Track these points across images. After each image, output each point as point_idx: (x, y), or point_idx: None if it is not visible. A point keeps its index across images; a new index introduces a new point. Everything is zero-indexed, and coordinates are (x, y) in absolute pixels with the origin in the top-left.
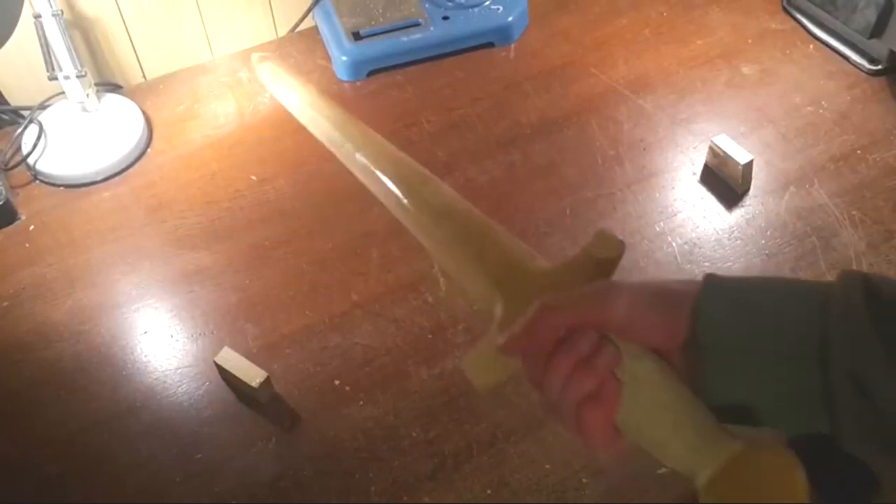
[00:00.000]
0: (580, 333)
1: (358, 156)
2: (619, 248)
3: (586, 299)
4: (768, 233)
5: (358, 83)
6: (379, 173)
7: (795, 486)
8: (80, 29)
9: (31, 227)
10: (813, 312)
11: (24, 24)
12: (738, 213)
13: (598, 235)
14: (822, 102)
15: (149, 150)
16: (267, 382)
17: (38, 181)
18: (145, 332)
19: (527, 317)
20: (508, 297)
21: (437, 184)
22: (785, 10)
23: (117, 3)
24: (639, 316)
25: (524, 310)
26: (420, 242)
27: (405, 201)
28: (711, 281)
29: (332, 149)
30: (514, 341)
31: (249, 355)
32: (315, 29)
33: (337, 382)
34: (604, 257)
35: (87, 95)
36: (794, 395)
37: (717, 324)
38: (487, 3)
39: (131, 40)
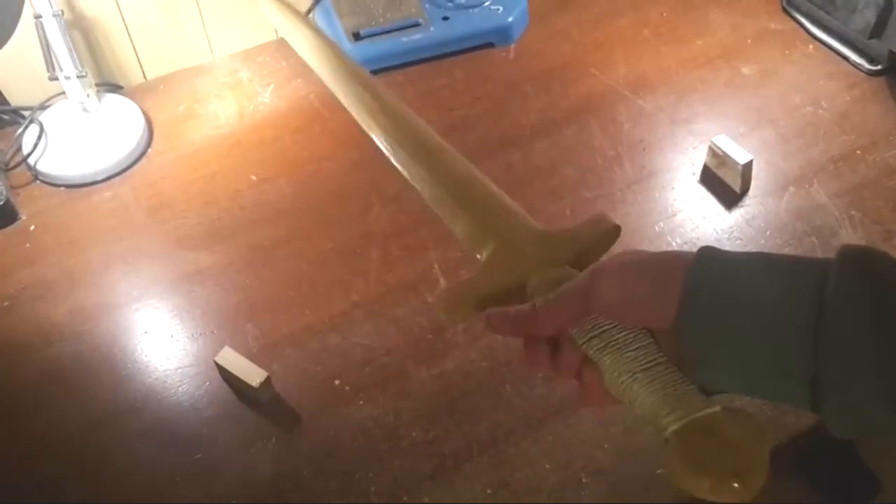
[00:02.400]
0: (567, 348)
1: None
2: (611, 234)
3: (571, 298)
4: (768, 233)
5: None
6: (378, 124)
7: (760, 457)
8: (80, 29)
9: (32, 228)
10: (805, 306)
11: (25, 25)
12: (738, 214)
13: (594, 218)
14: (822, 103)
15: (149, 150)
16: (267, 382)
17: (38, 181)
18: (146, 332)
19: (520, 312)
20: (498, 244)
21: (429, 129)
22: (784, 10)
23: (117, 4)
24: (625, 301)
25: (511, 259)
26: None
27: (402, 139)
28: (703, 257)
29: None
30: (502, 326)
31: (250, 355)
32: None
33: (337, 382)
34: (591, 240)
35: (88, 96)
36: (782, 379)
37: (704, 311)
38: (487, 3)
39: (131, 40)
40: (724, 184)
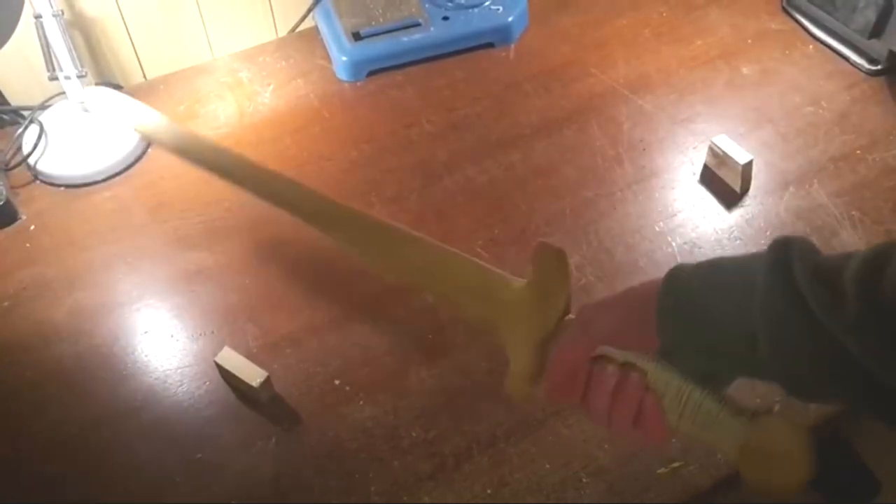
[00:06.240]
0: (600, 369)
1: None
2: (561, 258)
3: (574, 336)
4: (768, 233)
5: (358, 83)
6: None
7: (802, 454)
8: (80, 29)
9: (32, 227)
10: (745, 315)
11: (25, 25)
12: (738, 213)
13: (539, 252)
14: (822, 103)
15: (149, 150)
16: (267, 382)
17: (38, 181)
18: (146, 332)
19: (548, 369)
20: (503, 318)
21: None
22: (784, 10)
23: (117, 3)
24: (617, 333)
25: (524, 329)
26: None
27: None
28: (668, 287)
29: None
30: (552, 392)
31: (250, 355)
32: (315, 29)
33: (337, 382)
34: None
35: None
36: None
37: (675, 332)
38: (487, 3)
39: (131, 40)
40: (724, 184)
